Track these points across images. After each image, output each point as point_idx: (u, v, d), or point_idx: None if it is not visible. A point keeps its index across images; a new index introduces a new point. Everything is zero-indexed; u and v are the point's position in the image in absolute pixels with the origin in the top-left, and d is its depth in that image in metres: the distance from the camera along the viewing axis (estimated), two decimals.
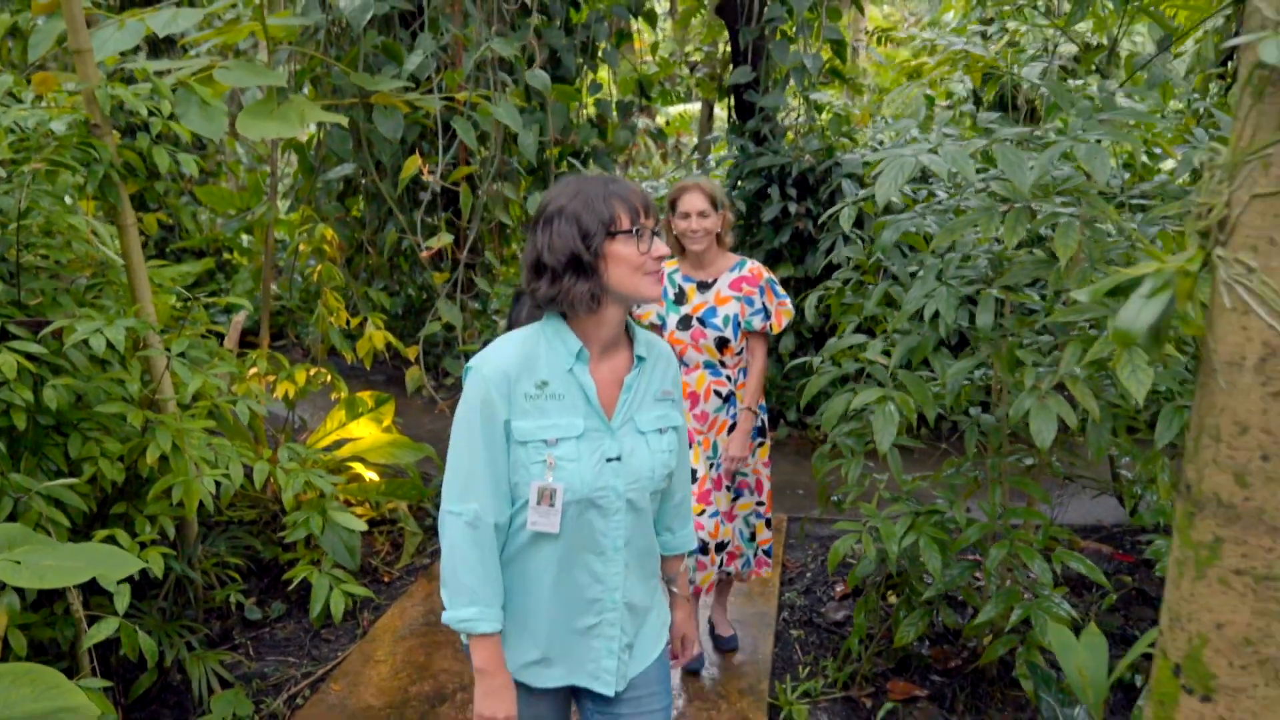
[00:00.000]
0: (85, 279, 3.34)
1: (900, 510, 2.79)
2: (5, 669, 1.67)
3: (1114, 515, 4.54)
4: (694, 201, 3.03)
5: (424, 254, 3.96)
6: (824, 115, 6.34)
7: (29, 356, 2.67)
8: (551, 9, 5.90)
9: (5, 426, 2.69)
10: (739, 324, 3.07)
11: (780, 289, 3.15)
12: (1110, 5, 2.84)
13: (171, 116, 3.14)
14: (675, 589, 2.06)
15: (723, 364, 3.11)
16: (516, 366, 1.69)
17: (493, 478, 1.68)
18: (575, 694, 1.90)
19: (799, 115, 6.47)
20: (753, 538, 3.30)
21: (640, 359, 1.79)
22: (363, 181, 5.61)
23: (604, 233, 1.68)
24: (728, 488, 3.17)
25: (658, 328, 3.12)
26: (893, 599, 3.49)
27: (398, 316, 7.04)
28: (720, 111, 10.15)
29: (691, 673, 3.28)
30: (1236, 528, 1.40)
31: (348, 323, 4.56)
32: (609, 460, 1.72)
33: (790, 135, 6.42)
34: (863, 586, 3.67)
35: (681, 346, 3.13)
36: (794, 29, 6.15)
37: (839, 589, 3.89)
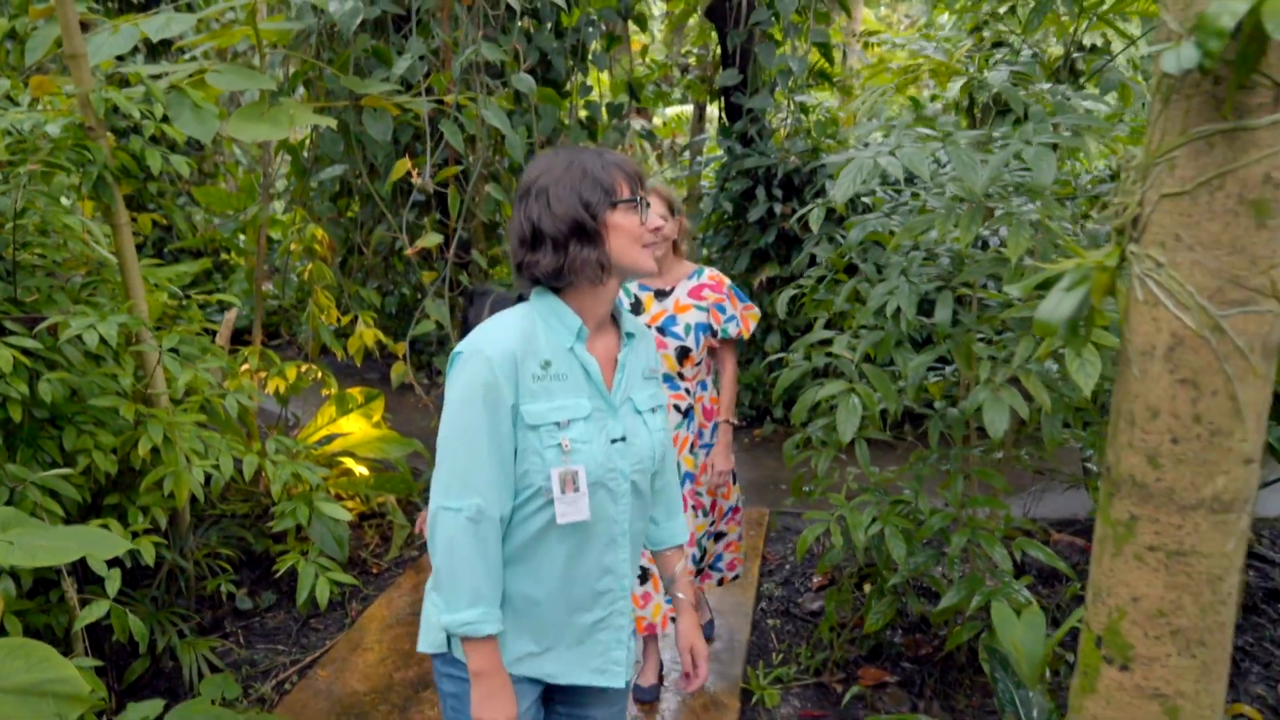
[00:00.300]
0: (80, 277, 3.44)
1: (868, 500, 2.89)
2: (0, 643, 1.77)
3: (1088, 508, 4.64)
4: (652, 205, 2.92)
5: (409, 252, 4.05)
6: (810, 117, 6.43)
7: (25, 351, 2.76)
8: (542, 13, 6.00)
9: (2, 419, 2.78)
10: (710, 331, 2.94)
11: (742, 293, 3.07)
12: (1064, 13, 2.93)
13: (165, 119, 3.24)
14: (680, 594, 1.90)
15: (681, 376, 2.96)
16: (521, 347, 1.59)
17: (498, 468, 1.58)
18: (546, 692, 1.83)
19: (787, 117, 6.57)
20: (702, 556, 3.15)
21: (630, 335, 1.75)
22: (356, 182, 5.71)
23: (607, 201, 1.62)
24: (702, 511, 3.04)
25: None
26: (867, 588, 3.59)
27: (392, 316, 7.13)
28: (714, 113, 10.25)
29: (644, 702, 3.11)
30: (1150, 506, 1.50)
31: (339, 320, 4.66)
32: (614, 441, 1.66)
33: (778, 136, 6.52)
34: (838, 576, 3.76)
35: None
36: (782, 32, 6.26)
37: (816, 580, 3.98)
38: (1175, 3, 1.39)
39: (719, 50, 7.33)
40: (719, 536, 3.24)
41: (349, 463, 4.48)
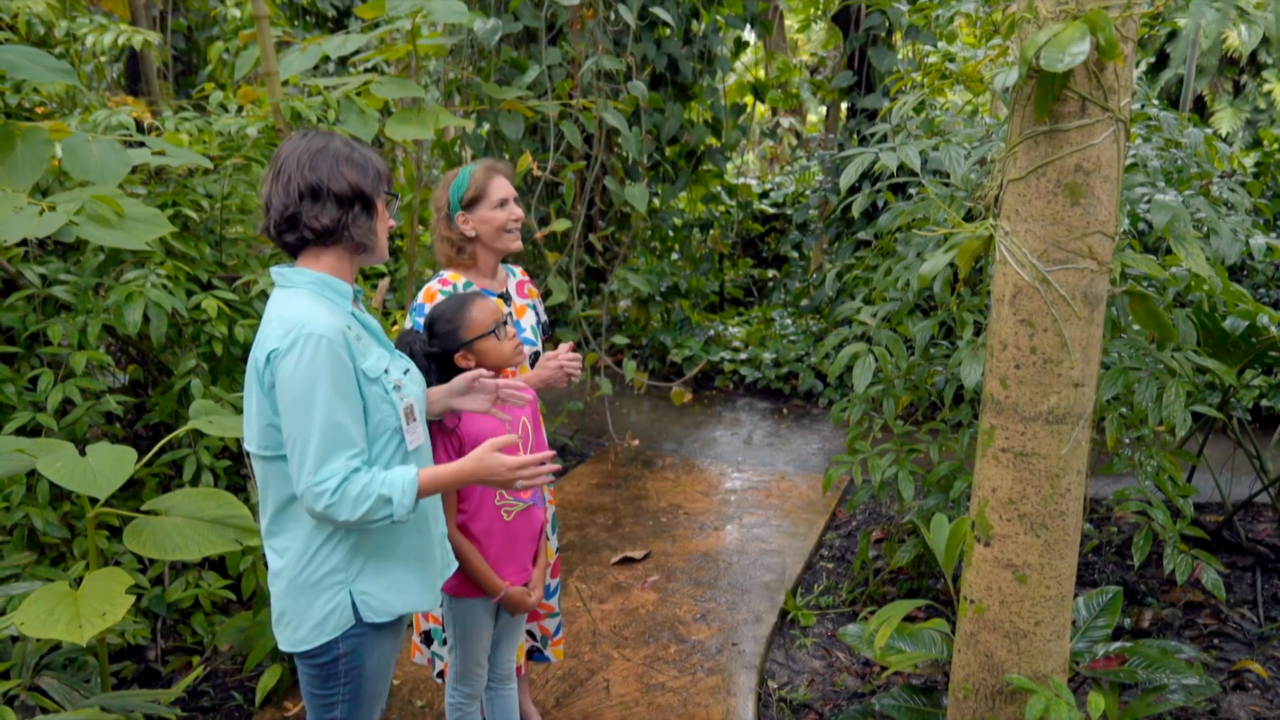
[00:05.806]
0: (270, 248, 4.31)
1: (889, 448, 3.34)
2: (201, 490, 2.54)
3: None
4: (509, 186, 2.54)
5: (537, 235, 4.74)
6: (920, 115, 6.75)
7: (227, 303, 3.60)
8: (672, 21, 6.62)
9: (208, 353, 3.64)
10: (545, 324, 2.79)
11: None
12: None
13: (338, 121, 4.04)
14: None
15: None
16: (336, 319, 1.72)
17: (359, 425, 1.72)
18: None
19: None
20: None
21: (358, 294, 1.89)
22: None
23: (383, 187, 1.81)
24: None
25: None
26: None
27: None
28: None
29: None
30: (1002, 417, 1.96)
31: None
32: (406, 373, 1.89)
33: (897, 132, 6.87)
34: (892, 530, 4.19)
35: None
36: (899, 36, 6.63)
37: (874, 533, 4.42)
38: (1019, 42, 1.85)
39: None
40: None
41: None
